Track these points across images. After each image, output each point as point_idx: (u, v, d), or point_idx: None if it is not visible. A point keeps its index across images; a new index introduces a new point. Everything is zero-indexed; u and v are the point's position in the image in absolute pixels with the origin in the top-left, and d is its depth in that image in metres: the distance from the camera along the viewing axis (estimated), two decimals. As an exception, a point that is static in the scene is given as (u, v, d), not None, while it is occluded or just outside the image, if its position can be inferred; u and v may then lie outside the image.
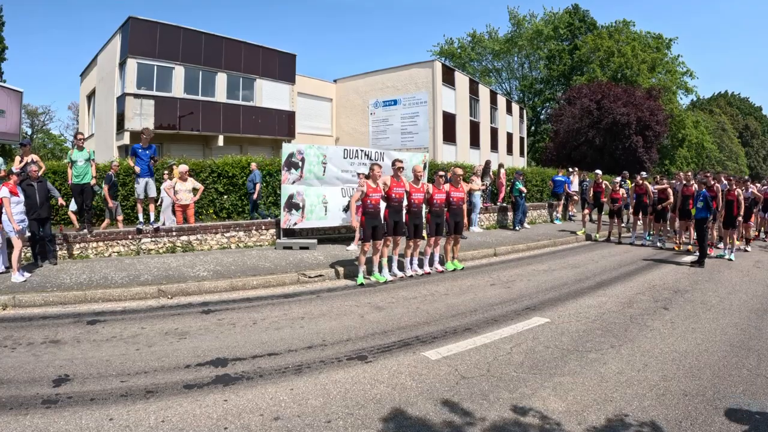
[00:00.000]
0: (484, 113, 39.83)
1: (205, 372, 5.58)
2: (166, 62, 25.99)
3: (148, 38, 25.41)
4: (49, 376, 5.54)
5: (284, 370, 5.63)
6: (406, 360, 5.90)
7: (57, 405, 4.82)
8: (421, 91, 33.47)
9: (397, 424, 4.38)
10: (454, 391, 5.00)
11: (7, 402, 4.88)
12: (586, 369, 5.57)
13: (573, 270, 11.75)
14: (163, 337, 6.89)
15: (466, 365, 5.71)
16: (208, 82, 27.73)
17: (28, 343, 6.73)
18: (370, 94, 35.84)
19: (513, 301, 8.74)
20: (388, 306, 8.48)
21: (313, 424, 4.39)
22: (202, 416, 4.55)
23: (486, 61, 66.99)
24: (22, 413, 4.63)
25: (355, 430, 4.29)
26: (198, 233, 13.07)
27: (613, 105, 41.94)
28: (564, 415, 4.48)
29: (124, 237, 12.31)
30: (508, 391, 4.99)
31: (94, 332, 7.20)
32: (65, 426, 4.39)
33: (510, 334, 6.86)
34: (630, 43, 55.45)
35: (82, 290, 9.05)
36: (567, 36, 61.80)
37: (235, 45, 28.97)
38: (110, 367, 5.77)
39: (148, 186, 12.49)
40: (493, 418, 4.45)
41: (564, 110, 46.33)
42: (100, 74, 29.06)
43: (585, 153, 42.36)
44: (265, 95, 30.00)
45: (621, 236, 17.29)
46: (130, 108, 24.75)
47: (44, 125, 60.85)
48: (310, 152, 13.33)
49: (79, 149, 11.82)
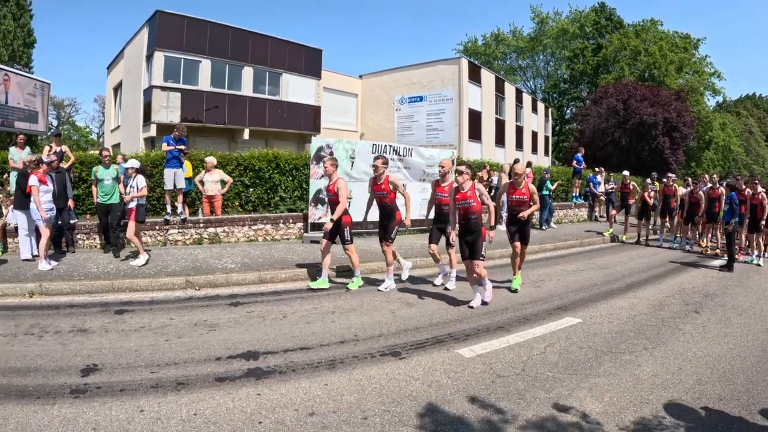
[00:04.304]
0: (510, 111, 39.52)
1: (237, 365, 5.50)
2: (193, 55, 26.07)
3: (176, 32, 25.49)
4: (77, 365, 5.47)
5: (317, 364, 5.53)
6: (440, 357, 5.80)
7: (86, 395, 4.73)
8: (447, 87, 33.23)
9: (435, 421, 4.28)
10: (490, 389, 4.91)
11: (34, 391, 4.81)
12: (621, 371, 5.48)
13: (602, 271, 11.59)
14: (193, 329, 6.82)
15: (501, 364, 5.60)
16: (235, 76, 27.73)
17: (56, 331, 6.71)
18: (395, 90, 35.66)
19: (543, 300, 8.63)
20: (418, 302, 8.38)
21: (349, 420, 4.30)
22: (236, 410, 4.45)
23: (510, 59, 66.45)
24: (50, 402, 4.55)
25: (392, 427, 4.18)
26: (225, 225, 13.03)
27: (640, 105, 41.39)
28: (602, 416, 4.40)
29: (151, 228, 12.30)
30: (545, 390, 4.90)
31: (121, 322, 7.17)
32: (94, 417, 4.30)
33: (543, 333, 6.77)
34: (657, 43, 54.59)
35: (109, 280, 9.05)
36: (593, 34, 61.00)
37: (262, 39, 28.94)
38: (139, 357, 5.71)
39: (177, 177, 12.43)
40: (530, 417, 4.35)
41: (590, 110, 45.80)
42: (127, 67, 29.23)
43: (611, 153, 41.80)
44: (290, 90, 29.96)
45: (648, 238, 17.02)
46: (157, 100, 24.84)
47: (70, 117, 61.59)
48: (339, 147, 13.26)
49: (105, 167, 11.45)
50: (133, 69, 27.58)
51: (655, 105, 41.42)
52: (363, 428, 4.16)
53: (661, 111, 41.12)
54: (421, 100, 34.34)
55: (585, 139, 44.30)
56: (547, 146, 49.23)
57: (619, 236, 17.41)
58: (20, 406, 4.47)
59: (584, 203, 23.52)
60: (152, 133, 24.64)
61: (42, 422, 4.19)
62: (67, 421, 4.21)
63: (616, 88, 44.64)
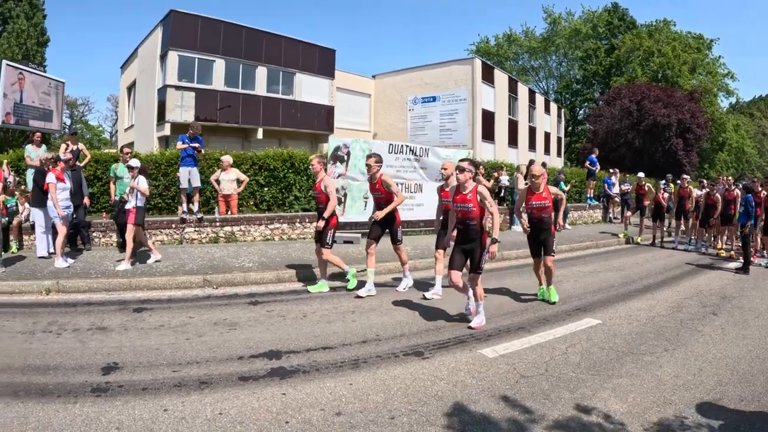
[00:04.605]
0: (523, 112, 39.41)
1: (260, 364, 5.46)
2: (207, 55, 26.15)
3: (190, 31, 25.58)
4: (98, 363, 5.43)
5: (341, 364, 5.49)
6: (463, 357, 5.77)
7: (107, 394, 4.68)
8: (461, 88, 33.15)
9: (462, 421, 4.25)
10: (515, 389, 4.88)
11: (54, 389, 4.76)
12: (643, 371, 5.45)
13: (618, 272, 11.51)
14: (213, 327, 6.79)
15: (524, 364, 5.58)
16: (249, 76, 27.79)
17: (74, 329, 6.69)
18: (408, 90, 35.60)
19: (562, 301, 8.53)
20: (438, 302, 8.29)
21: (376, 420, 4.26)
22: (261, 409, 4.40)
23: (523, 60, 66.21)
24: (71, 401, 4.50)
25: (419, 426, 4.15)
26: (242, 224, 13.03)
27: (653, 106, 41.13)
28: (626, 417, 4.39)
29: (167, 226, 12.32)
30: (569, 391, 4.88)
31: (140, 320, 7.15)
32: (117, 416, 4.25)
33: (563, 334, 6.75)
34: (670, 43, 54.20)
35: (126, 278, 9.04)
36: (606, 35, 60.67)
37: (276, 39, 29.00)
38: (160, 356, 5.68)
39: (192, 175, 12.40)
40: (556, 417, 4.34)
41: (603, 111, 45.51)
42: (141, 66, 29.36)
43: (624, 154, 41.53)
44: (304, 89, 29.99)
45: (663, 240, 16.90)
46: (171, 99, 24.93)
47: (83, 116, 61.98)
48: (356, 146, 13.25)
49: (124, 163, 11.38)
50: (147, 68, 27.69)
51: (668, 106, 41.16)
52: (390, 428, 4.13)
53: (675, 112, 40.84)
54: (434, 101, 34.26)
55: (598, 140, 44.03)
56: (559, 147, 49.00)
57: (634, 238, 17.29)
58: (41, 404, 4.42)
59: (598, 204, 23.40)
60: (166, 132, 24.72)
61: (64, 421, 4.14)
62: (90, 420, 4.15)
63: (629, 89, 44.38)
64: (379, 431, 4.08)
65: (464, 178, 6.89)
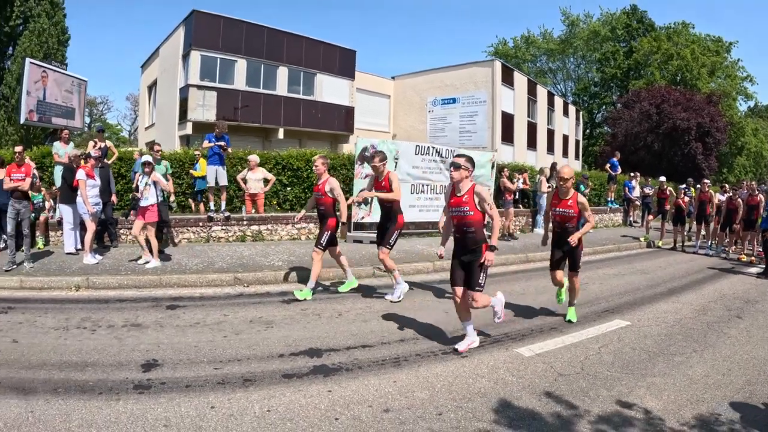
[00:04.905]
0: (542, 114, 39.16)
1: (301, 362, 5.49)
2: (229, 55, 26.18)
3: (212, 31, 25.63)
4: (136, 360, 5.43)
5: (382, 362, 5.54)
6: (501, 356, 5.89)
7: (150, 391, 4.69)
8: (480, 90, 32.99)
9: (508, 417, 4.35)
10: (554, 387, 4.99)
11: (95, 386, 4.75)
12: (674, 371, 5.59)
13: (642, 276, 11.61)
14: (249, 325, 6.81)
15: (561, 363, 5.69)
16: (270, 76, 27.80)
17: (109, 325, 6.70)
18: (428, 91, 35.48)
19: (590, 303, 8.65)
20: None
21: (424, 416, 4.33)
22: (309, 407, 4.44)
23: (541, 62, 65.80)
24: (114, 398, 4.49)
25: (467, 422, 4.23)
26: (269, 223, 13.09)
27: (673, 110, 40.69)
28: (663, 413, 4.53)
29: (194, 224, 12.37)
30: (606, 388, 5.00)
31: (175, 317, 7.18)
32: (164, 413, 4.24)
33: (595, 335, 6.86)
34: (689, 46, 53.63)
35: (156, 275, 9.10)
36: (624, 37, 60.18)
37: (297, 40, 29.01)
38: (200, 353, 5.70)
39: (218, 174, 12.41)
40: (598, 413, 4.47)
41: (622, 114, 45.12)
42: (162, 66, 29.51)
43: (643, 158, 41.08)
44: (325, 90, 29.95)
45: (684, 244, 16.85)
46: (193, 99, 25.00)
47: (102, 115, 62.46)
48: (384, 147, 13.29)
49: (156, 162, 11.11)
50: (169, 68, 27.82)
51: (688, 110, 40.73)
52: (439, 424, 4.19)
53: (695, 116, 40.42)
54: (453, 102, 34.13)
55: (617, 143, 43.65)
56: (577, 150, 48.63)
57: (655, 242, 17.33)
58: (82, 401, 4.39)
59: (619, 208, 23.34)
60: (188, 131, 24.83)
61: (108, 418, 4.12)
62: (135, 418, 4.14)
63: (649, 92, 43.96)
64: (429, 427, 4.13)
65: (459, 176, 5.96)
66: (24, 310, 7.30)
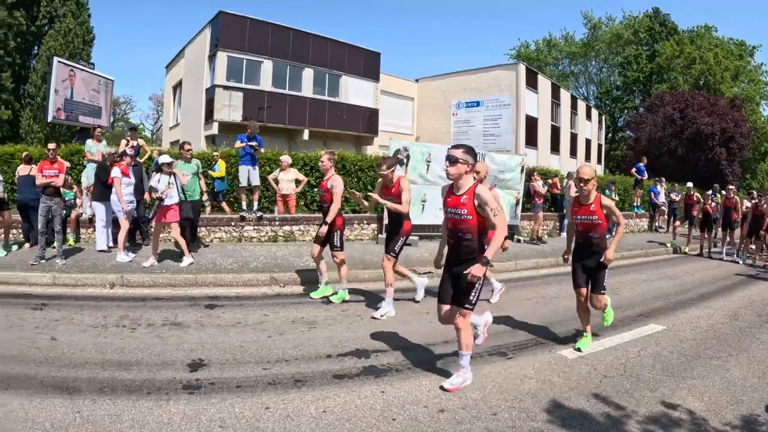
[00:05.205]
0: (565, 118, 38.91)
1: (350, 362, 5.51)
2: (255, 56, 26.31)
3: (238, 32, 25.77)
4: (182, 359, 5.42)
5: (429, 363, 5.56)
6: (545, 358, 5.95)
7: (200, 391, 4.66)
8: (504, 93, 32.87)
9: (560, 416, 4.41)
10: (600, 388, 5.06)
11: (142, 385, 4.72)
12: (713, 374, 5.65)
13: (672, 281, 11.60)
14: (291, 326, 6.82)
15: (603, 365, 5.74)
16: (296, 77, 27.89)
17: (148, 324, 6.70)
18: (452, 94, 35.38)
19: (624, 307, 8.62)
20: (506, 306, 8.35)
21: (479, 416, 4.37)
22: (365, 407, 4.46)
23: (563, 65, 65.38)
24: (163, 398, 4.46)
25: (522, 422, 4.29)
26: (301, 224, 13.16)
27: (696, 115, 40.43)
28: (706, 413, 4.61)
29: (226, 224, 12.45)
30: (649, 390, 5.08)
31: (215, 317, 7.18)
32: (217, 414, 4.22)
33: (632, 338, 6.91)
34: (712, 50, 53.01)
35: (192, 274, 9.12)
36: (647, 41, 59.61)
37: (322, 41, 29.08)
38: (246, 353, 5.70)
39: (251, 174, 12.46)
40: (645, 413, 4.55)
41: (645, 118, 44.72)
42: (187, 66, 29.76)
43: (666, 163, 40.67)
44: (350, 92, 30.03)
45: (711, 251, 16.73)
46: (220, 99, 25.14)
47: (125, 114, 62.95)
48: (416, 150, 13.34)
49: (186, 161, 10.91)
50: (195, 68, 28.04)
51: (712, 114, 40.46)
52: (495, 423, 4.25)
53: (718, 121, 40.14)
54: (477, 106, 34.02)
55: (640, 147, 43.39)
56: (600, 154, 48.22)
57: (682, 248, 17.17)
58: (131, 401, 4.36)
59: (645, 213, 23.18)
60: (214, 132, 24.95)
61: (160, 419, 4.09)
62: (189, 419, 4.11)
63: (673, 96, 43.62)
64: (486, 427, 4.18)
65: (456, 172, 4.88)
66: (59, 306, 7.32)
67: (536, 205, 15.93)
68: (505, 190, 15.22)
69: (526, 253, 13.36)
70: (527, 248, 14.47)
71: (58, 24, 30.48)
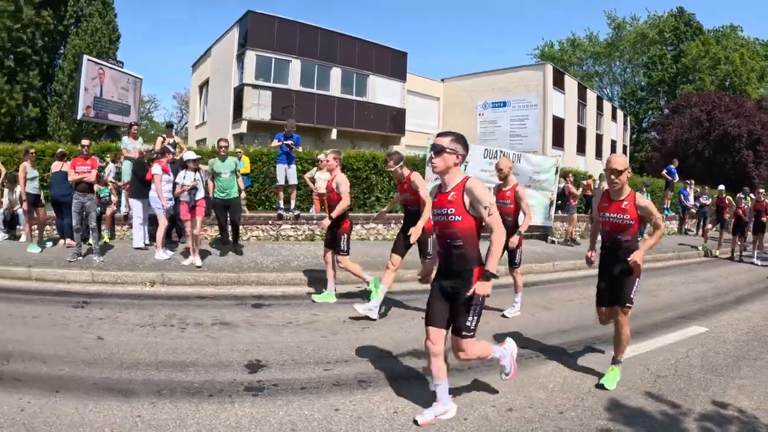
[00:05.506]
0: (591, 119, 38.70)
1: (409, 362, 5.50)
2: (283, 55, 26.45)
3: (267, 31, 25.93)
4: (238, 360, 5.33)
5: (490, 363, 5.35)
6: (598, 357, 5.96)
7: (264, 393, 4.59)
8: (531, 94, 32.79)
9: (622, 414, 4.47)
10: (655, 387, 5.12)
11: (202, 387, 4.63)
12: (759, 374, 5.69)
13: (707, 284, 11.64)
14: (343, 325, 6.79)
15: (655, 365, 5.77)
16: (323, 76, 28.01)
17: (197, 323, 6.63)
18: (478, 94, 35.28)
19: (665, 309, 8.67)
20: (553, 306, 8.51)
21: (547, 414, 4.40)
22: None
23: (587, 65, 64.77)
24: (227, 401, 4.37)
25: (588, 420, 4.33)
26: None
27: (723, 116, 39.92)
28: (757, 412, 4.66)
29: (264, 222, 12.46)
30: (701, 389, 5.13)
31: (263, 316, 7.14)
32: (287, 416, 4.13)
33: (677, 340, 6.91)
34: (738, 50, 52.26)
35: (234, 272, 9.13)
36: (672, 40, 58.86)
37: (350, 41, 29.16)
38: (303, 353, 5.64)
39: (288, 173, 12.45)
40: (699, 411, 4.61)
41: (671, 119, 44.15)
42: (214, 65, 29.98)
43: (693, 165, 40.09)
44: (377, 91, 30.05)
45: (742, 254, 16.55)
46: (248, 98, 25.30)
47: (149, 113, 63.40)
48: None
49: (222, 159, 10.53)
50: (222, 67, 28.25)
51: (739, 116, 39.95)
52: (563, 422, 4.27)
53: (745, 123, 39.62)
54: (504, 106, 33.91)
55: (665, 149, 42.98)
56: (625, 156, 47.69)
57: (712, 251, 17.08)
58: (193, 404, 4.28)
59: (674, 216, 23.01)
60: (243, 130, 25.15)
61: (228, 423, 3.99)
62: (258, 422, 4.02)
63: (699, 98, 43.05)
64: (555, 425, 4.20)
65: (443, 164, 3.98)
66: (101, 304, 7.29)
67: (570, 207, 15.94)
68: (540, 191, 15.13)
69: (563, 255, 13.32)
70: (562, 249, 14.43)
71: (85, 23, 30.81)
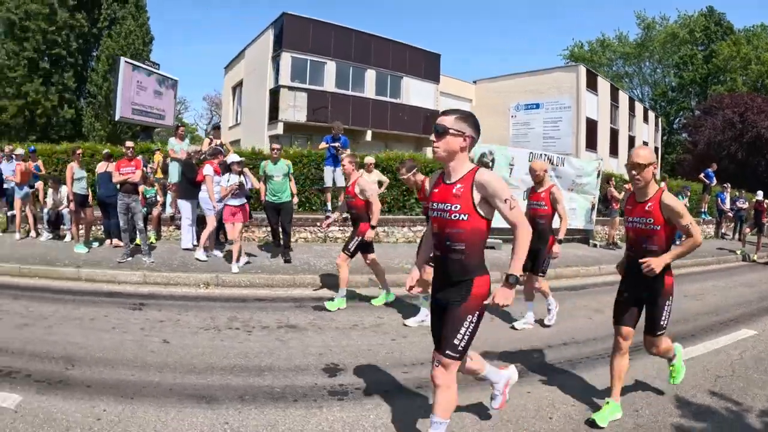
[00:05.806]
0: (623, 121, 38.35)
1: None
2: (318, 57, 26.57)
3: (302, 33, 26.08)
4: (314, 364, 5.35)
5: (558, 363, 5.74)
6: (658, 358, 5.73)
7: (349, 397, 4.61)
8: (564, 96, 32.59)
9: (691, 411, 4.65)
10: (717, 386, 5.27)
11: (284, 392, 4.62)
12: None
13: (750, 288, 11.57)
14: (411, 329, 6.77)
15: (713, 366, 5.90)
16: (358, 78, 28.10)
17: (262, 326, 6.61)
18: (510, 96, 35.14)
19: (712, 313, 8.75)
20: (604, 309, 8.28)
21: (624, 412, 4.46)
22: (519, 407, 4.58)
23: (617, 66, 64.06)
24: (314, 406, 4.37)
25: (663, 417, 4.53)
26: (386, 225, 13.32)
27: (756, 118, 39.39)
28: None
29: (311, 224, 12.48)
30: (759, 388, 5.27)
31: (328, 319, 7.11)
32: (379, 420, 4.17)
33: (730, 342, 7.00)
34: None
35: (289, 274, 9.17)
36: (703, 40, 57.98)
37: (384, 43, 29.21)
38: (378, 357, 5.65)
39: (336, 175, 12.64)
40: (760, 408, 4.78)
41: (704, 121, 43.52)
42: (248, 67, 30.20)
43: (726, 167, 39.41)
44: (411, 93, 30.08)
45: None
46: (284, 100, 25.46)
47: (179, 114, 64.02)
48: (500, 154, 13.48)
49: (274, 162, 10.34)
50: (257, 69, 28.44)
51: (772, 118, 39.05)
52: (640, 419, 4.46)
53: (779, 124, 38.73)
54: (537, 108, 33.77)
55: (697, 151, 42.49)
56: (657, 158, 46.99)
57: (750, 255, 16.83)
58: (280, 409, 4.27)
59: (712, 220, 22.84)
60: (279, 131, 25.27)
61: (320, 428, 4.00)
62: (351, 427, 4.04)
63: (732, 99, 42.48)
64: (634, 423, 4.37)
65: (446, 147, 3.29)
66: (158, 306, 7.34)
67: (613, 210, 15.83)
68: (582, 195, 15.07)
69: (607, 258, 13.22)
70: (606, 253, 14.38)
71: (118, 26, 31.31)
